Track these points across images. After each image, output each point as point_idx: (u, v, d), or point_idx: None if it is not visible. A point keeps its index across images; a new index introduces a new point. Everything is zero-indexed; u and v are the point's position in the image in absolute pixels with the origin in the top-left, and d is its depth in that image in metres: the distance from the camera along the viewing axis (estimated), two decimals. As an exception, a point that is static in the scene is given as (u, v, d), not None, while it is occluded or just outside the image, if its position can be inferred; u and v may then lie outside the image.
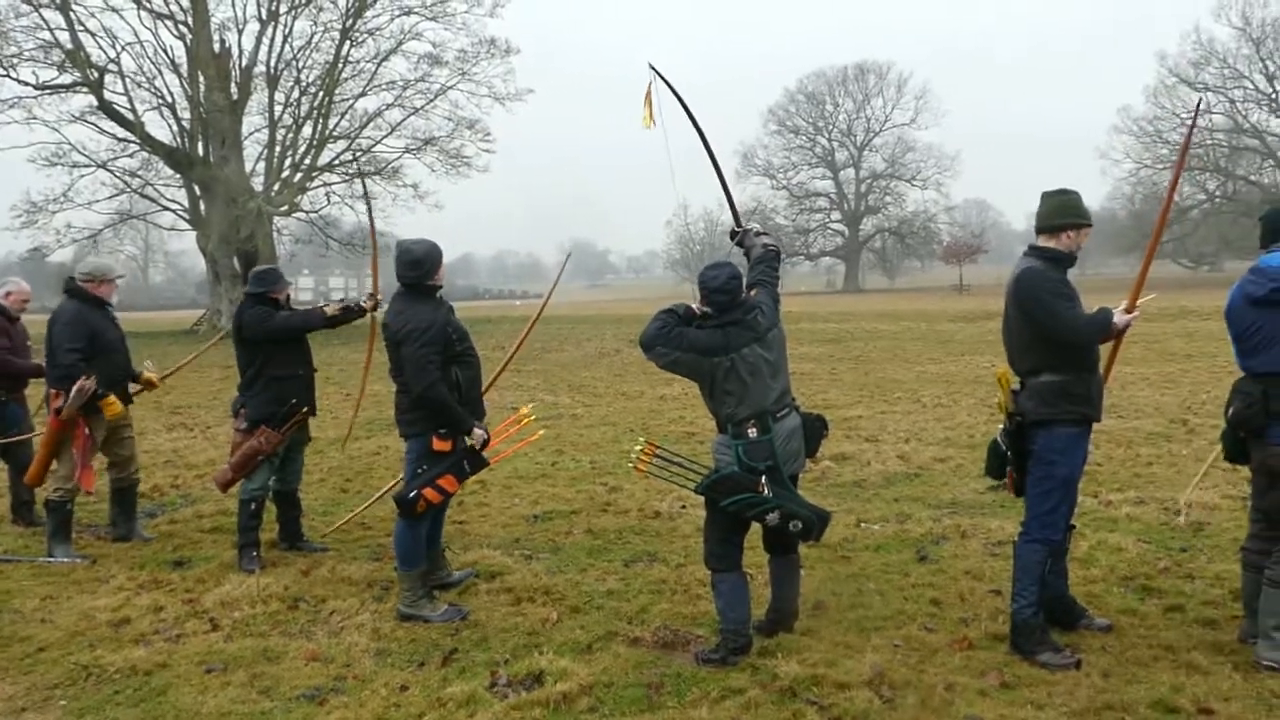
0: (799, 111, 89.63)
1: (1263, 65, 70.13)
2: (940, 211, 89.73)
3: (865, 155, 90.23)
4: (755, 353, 4.70)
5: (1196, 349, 20.89)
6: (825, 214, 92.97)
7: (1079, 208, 4.82)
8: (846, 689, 4.33)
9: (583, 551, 6.78)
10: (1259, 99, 71.20)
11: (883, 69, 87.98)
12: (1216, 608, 5.29)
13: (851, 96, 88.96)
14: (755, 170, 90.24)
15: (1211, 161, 71.82)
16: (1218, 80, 71.29)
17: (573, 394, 16.66)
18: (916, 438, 11.05)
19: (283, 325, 6.61)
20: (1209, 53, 70.67)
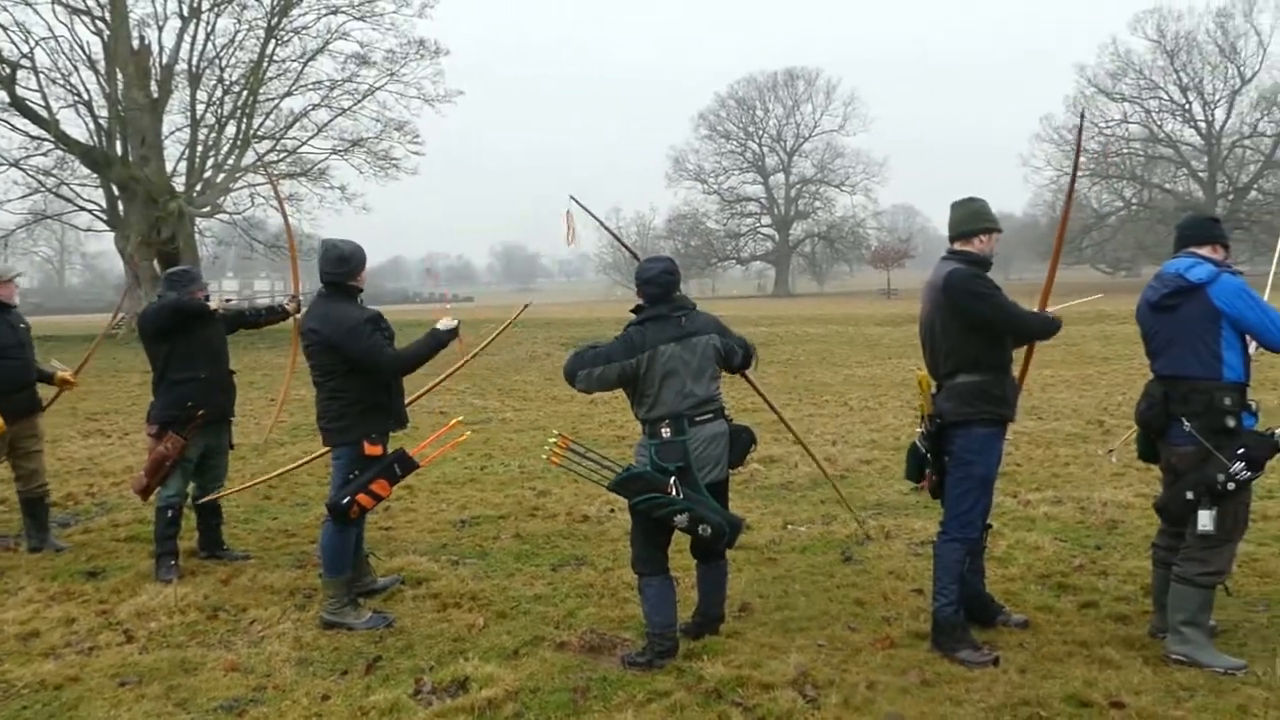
0: (729, 117, 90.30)
1: (1176, 77, 72.44)
2: (868, 217, 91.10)
3: (795, 160, 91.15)
4: (673, 352, 4.72)
5: (1113, 352, 21.46)
6: (756, 218, 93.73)
7: (988, 213, 4.96)
8: (771, 689, 4.37)
9: (510, 556, 6.74)
10: (1173, 109, 73.52)
11: (812, 75, 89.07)
12: (1129, 603, 5.44)
13: (781, 102, 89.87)
14: (686, 175, 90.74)
15: (1128, 170, 73.94)
16: (1134, 91, 73.49)
17: (502, 398, 16.57)
18: (843, 440, 11.19)
19: (172, 305, 6.42)
20: (1126, 64, 72.84)
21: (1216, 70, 72.05)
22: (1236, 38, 71.00)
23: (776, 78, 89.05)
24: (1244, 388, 4.56)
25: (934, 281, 4.95)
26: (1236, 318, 4.47)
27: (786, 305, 57.52)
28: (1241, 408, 4.52)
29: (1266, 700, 4.15)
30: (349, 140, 38.59)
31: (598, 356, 4.79)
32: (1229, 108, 72.59)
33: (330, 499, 5.46)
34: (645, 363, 4.71)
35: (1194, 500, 4.53)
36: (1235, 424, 4.48)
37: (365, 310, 5.55)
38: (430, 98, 38.53)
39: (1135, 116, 73.92)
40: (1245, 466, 4.41)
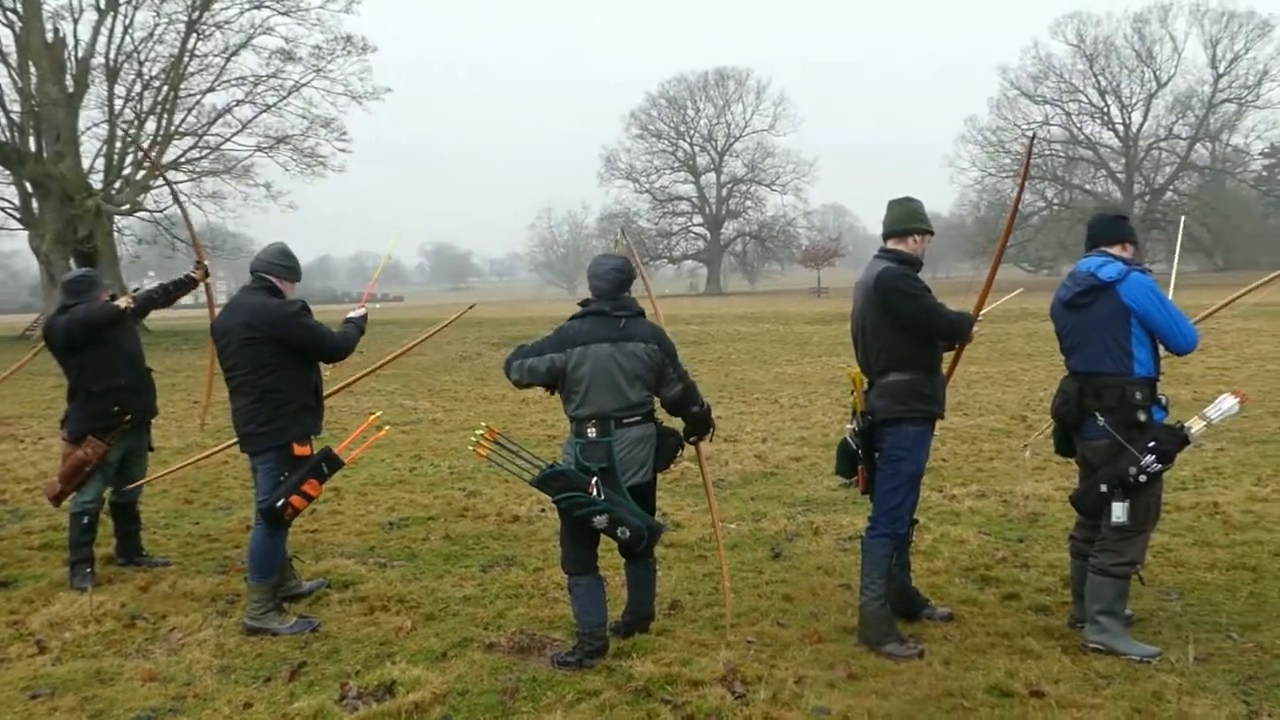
0: (661, 116, 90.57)
1: (1095, 80, 74.46)
2: (799, 216, 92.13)
3: (726, 160, 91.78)
4: (607, 352, 4.71)
5: (1036, 349, 21.92)
6: (687, 217, 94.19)
7: (923, 215, 5.05)
8: (700, 686, 4.38)
9: (439, 558, 6.67)
10: (1092, 112, 75.58)
11: (742, 75, 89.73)
12: (1049, 595, 5.56)
13: (712, 102, 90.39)
14: (618, 174, 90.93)
15: (1050, 171, 75.75)
16: (1055, 94, 75.37)
17: (432, 398, 16.41)
18: (774, 437, 11.28)
19: (82, 320, 6.18)
20: (1047, 68, 74.69)
21: (1133, 74, 74.23)
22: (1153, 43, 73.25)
23: (707, 77, 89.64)
24: (1154, 383, 4.68)
25: (866, 280, 5.00)
26: (1143, 315, 4.59)
27: (718, 304, 57.87)
28: (1152, 402, 4.64)
29: (1180, 686, 4.26)
30: (274, 137, 37.97)
31: (531, 349, 4.80)
32: (1145, 111, 74.86)
33: (263, 503, 5.35)
34: (576, 358, 4.69)
35: (1108, 493, 4.64)
36: (1146, 418, 4.60)
37: (294, 299, 5.57)
38: (358, 94, 38.10)
39: (1056, 119, 75.81)
40: (1156, 459, 4.53)
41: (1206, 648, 4.69)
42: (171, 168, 36.19)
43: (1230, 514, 7.08)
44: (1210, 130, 73.74)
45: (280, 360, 5.36)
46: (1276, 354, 18.48)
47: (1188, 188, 75.29)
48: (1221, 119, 73.62)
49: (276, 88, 37.68)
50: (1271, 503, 7.37)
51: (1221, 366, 16.94)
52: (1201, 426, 4.70)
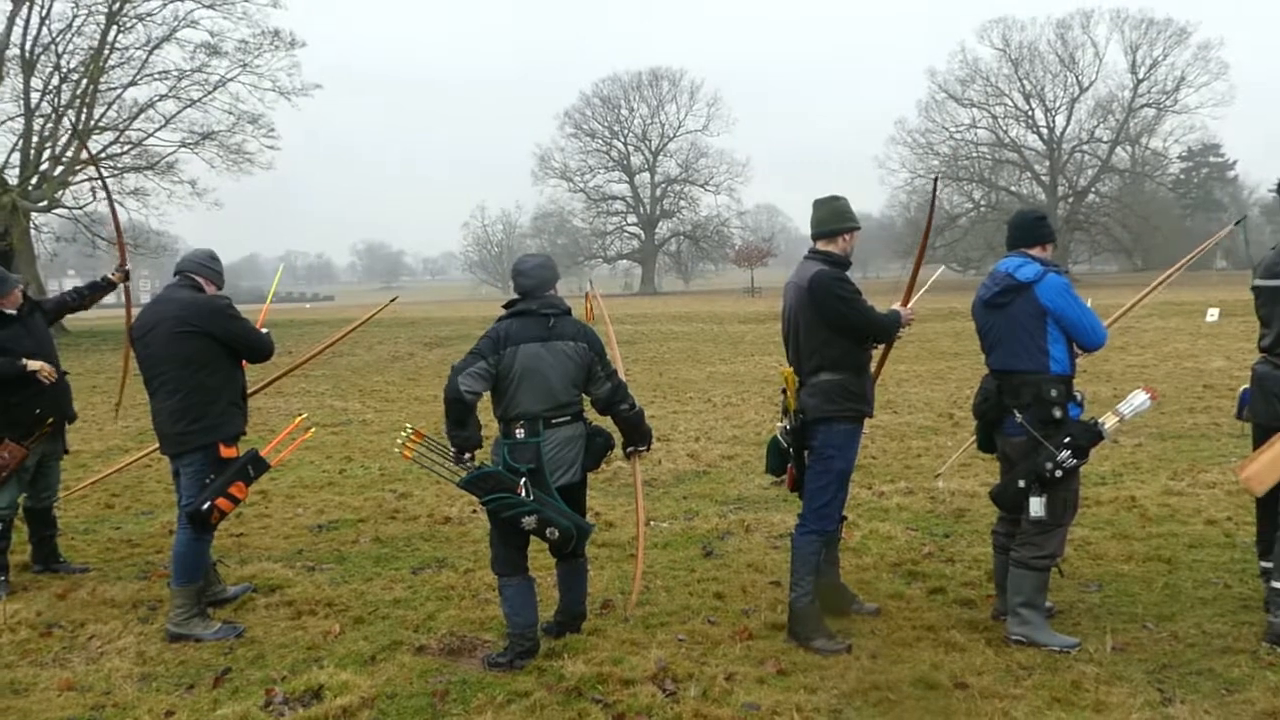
0: (595, 115, 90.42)
1: (1020, 84, 75.99)
2: (732, 216, 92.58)
3: (660, 160, 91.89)
4: (535, 351, 4.70)
5: (963, 347, 22.31)
6: (622, 217, 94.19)
7: (850, 213, 5.11)
8: (631, 685, 4.40)
9: (369, 560, 6.60)
10: (1018, 115, 77.10)
11: (676, 76, 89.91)
12: (974, 588, 5.67)
13: (646, 102, 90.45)
14: (552, 173, 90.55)
15: (977, 173, 77.17)
16: (982, 97, 76.78)
17: (363, 399, 16.21)
18: (706, 436, 11.34)
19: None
20: (974, 71, 76.04)
21: (1057, 79, 75.91)
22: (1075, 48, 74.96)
23: (641, 77, 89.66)
24: (1070, 380, 4.80)
25: (798, 282, 5.05)
26: (1058, 314, 4.70)
27: (653, 303, 57.99)
28: (1068, 399, 4.75)
29: (1097, 675, 4.38)
30: (199, 133, 37.21)
31: (470, 357, 4.72)
32: (1069, 114, 76.56)
33: (188, 506, 5.24)
34: (507, 359, 4.67)
35: (1026, 488, 4.75)
36: (1062, 414, 4.71)
37: (223, 295, 5.56)
38: (286, 90, 37.49)
39: (983, 122, 77.26)
40: (1072, 454, 4.65)
41: (1123, 638, 4.82)
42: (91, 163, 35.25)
43: (1147, 508, 7.29)
44: (1130, 134, 75.65)
45: (209, 356, 5.28)
46: (1192, 352, 19.06)
47: (1109, 190, 77.12)
48: (1141, 123, 75.59)
49: (201, 82, 36.94)
50: (1186, 496, 7.60)
51: (1141, 364, 17.43)
52: (1115, 422, 4.83)
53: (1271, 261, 4.92)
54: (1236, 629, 4.89)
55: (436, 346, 25.60)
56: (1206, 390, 13.60)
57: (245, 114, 37.52)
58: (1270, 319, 4.86)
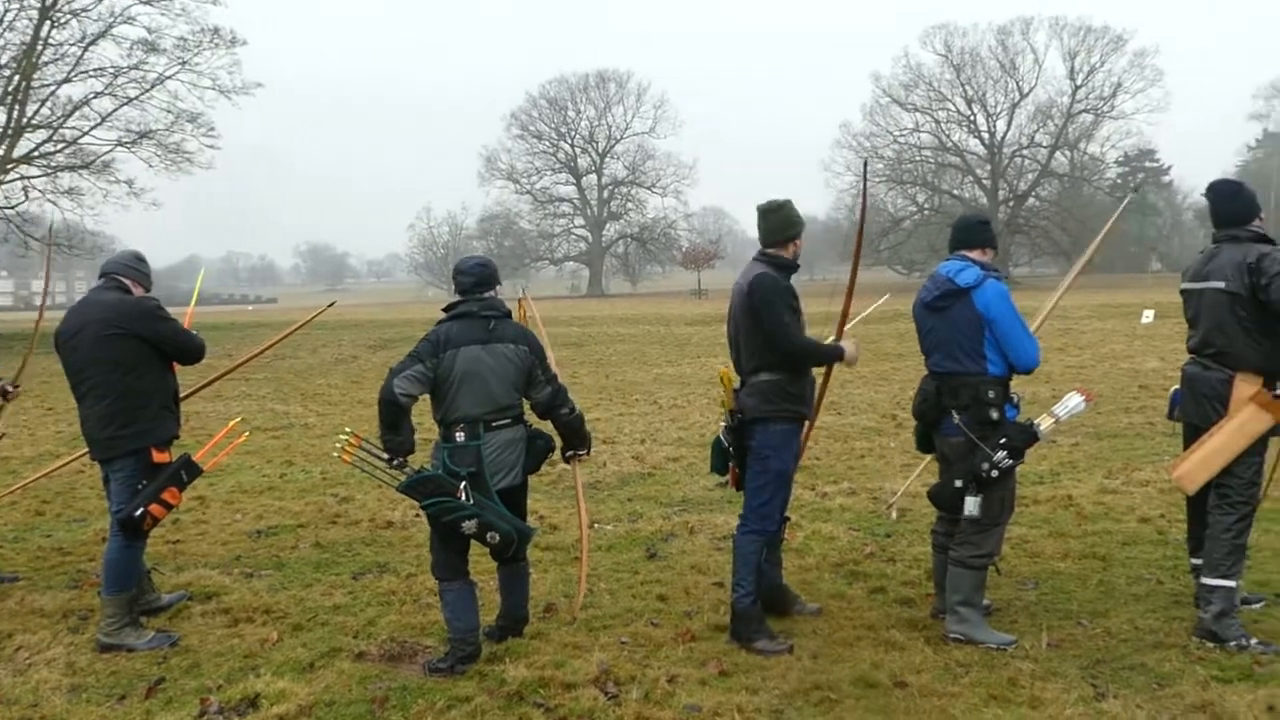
0: (541, 117, 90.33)
1: (963, 90, 77.21)
2: (680, 218, 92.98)
3: (607, 162, 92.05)
4: (476, 354, 4.67)
5: (907, 348, 22.55)
6: (569, 219, 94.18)
7: (797, 220, 5.10)
8: (573, 689, 4.38)
9: (309, 566, 6.51)
10: (960, 120, 78.32)
11: (623, 78, 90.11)
12: (913, 587, 5.73)
13: (593, 103, 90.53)
14: (499, 174, 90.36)
15: (920, 176, 78.23)
16: (925, 102, 77.89)
17: (305, 402, 16.00)
18: (652, 438, 11.34)
19: None
20: (917, 76, 77.15)
21: (998, 84, 77.26)
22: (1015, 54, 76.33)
23: (588, 79, 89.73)
24: (1007, 382, 4.86)
25: (741, 283, 5.06)
26: (993, 321, 4.75)
27: (600, 305, 57.96)
28: (1005, 401, 4.82)
29: (1033, 672, 4.45)
30: (136, 131, 36.42)
31: (407, 360, 4.68)
32: (1009, 120, 77.95)
33: (119, 513, 5.12)
34: (447, 361, 4.64)
35: (962, 488, 4.82)
36: (999, 416, 4.78)
37: (151, 296, 5.46)
38: (226, 89, 36.89)
39: (926, 126, 78.36)
40: (1007, 455, 4.72)
41: (1059, 634, 4.90)
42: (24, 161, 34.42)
43: (1083, 506, 7.42)
44: (1069, 139, 77.18)
45: (140, 359, 5.18)
46: (1128, 352, 19.47)
47: (1048, 194, 78.61)
48: (1079, 128, 77.16)
49: (139, 80, 36.22)
50: (1120, 494, 7.75)
51: (1079, 365, 17.76)
52: (1050, 424, 4.90)
53: (1198, 265, 5.04)
54: (1168, 624, 4.99)
55: (381, 349, 25.35)
56: (1142, 390, 13.90)
57: (184, 112, 36.86)
58: (1197, 321, 4.98)
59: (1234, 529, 4.81)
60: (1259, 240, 4.83)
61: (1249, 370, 4.77)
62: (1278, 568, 5.84)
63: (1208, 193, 5.13)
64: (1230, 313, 4.77)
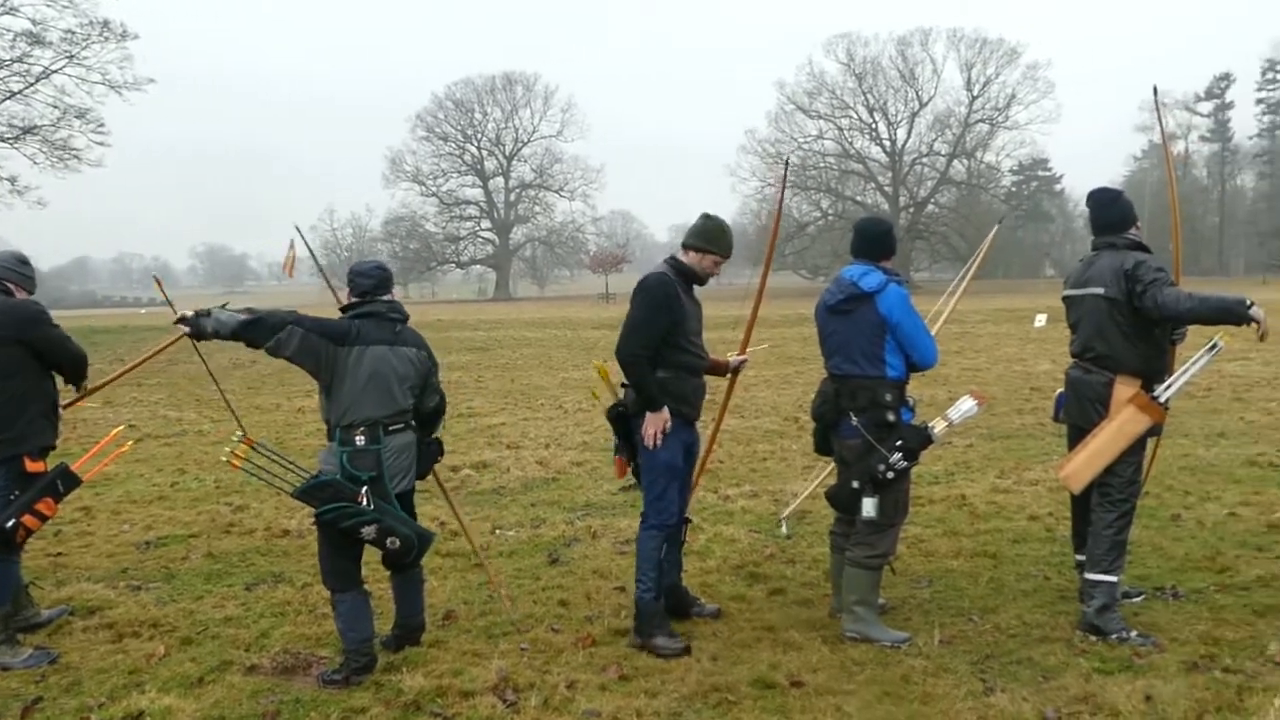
0: (448, 118, 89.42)
1: (864, 98, 78.86)
2: (587, 222, 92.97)
3: (514, 165, 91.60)
4: (384, 355, 4.62)
5: (811, 352, 22.91)
6: (475, 222, 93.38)
7: (720, 238, 5.12)
8: (471, 697, 4.34)
9: (200, 577, 6.32)
10: (862, 128, 79.98)
11: (530, 80, 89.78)
12: (812, 588, 5.81)
13: (500, 106, 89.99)
14: (404, 176, 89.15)
15: (824, 183, 79.61)
16: (828, 109, 79.35)
17: (200, 408, 15.54)
18: (556, 443, 11.31)
19: None
20: (820, 84, 78.52)
21: (899, 93, 79.10)
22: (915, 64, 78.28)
23: (495, 81, 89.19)
24: (903, 386, 4.97)
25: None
26: (895, 325, 4.86)
27: (507, 309, 57.66)
28: (901, 404, 4.93)
29: (925, 668, 4.55)
30: (20, 127, 35.02)
31: (314, 322, 4.54)
32: (909, 128, 79.84)
33: None
34: (354, 357, 4.54)
35: (859, 489, 4.90)
36: (895, 418, 4.88)
37: (34, 299, 5.29)
38: (117, 84, 35.72)
39: (830, 133, 79.82)
40: (902, 457, 4.82)
41: (950, 631, 5.02)
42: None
43: (976, 505, 7.62)
44: (966, 148, 79.37)
45: (16, 365, 5.01)
46: (1021, 356, 20.07)
47: (947, 200, 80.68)
48: (976, 138, 79.42)
49: (22, 73, 34.84)
50: (1012, 494, 7.98)
51: (975, 368, 18.25)
52: (944, 426, 5.02)
53: (1079, 272, 5.22)
54: (1054, 619, 5.15)
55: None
56: (1034, 392, 14.33)
57: (72, 108, 35.58)
58: (1078, 326, 5.16)
59: (1115, 526, 4.99)
60: (1135, 248, 5.02)
61: (1128, 373, 4.95)
62: (1157, 563, 6.07)
63: (1088, 201, 5.31)
64: (1109, 318, 4.95)
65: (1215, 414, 11.76)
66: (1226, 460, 9.00)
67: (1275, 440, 9.92)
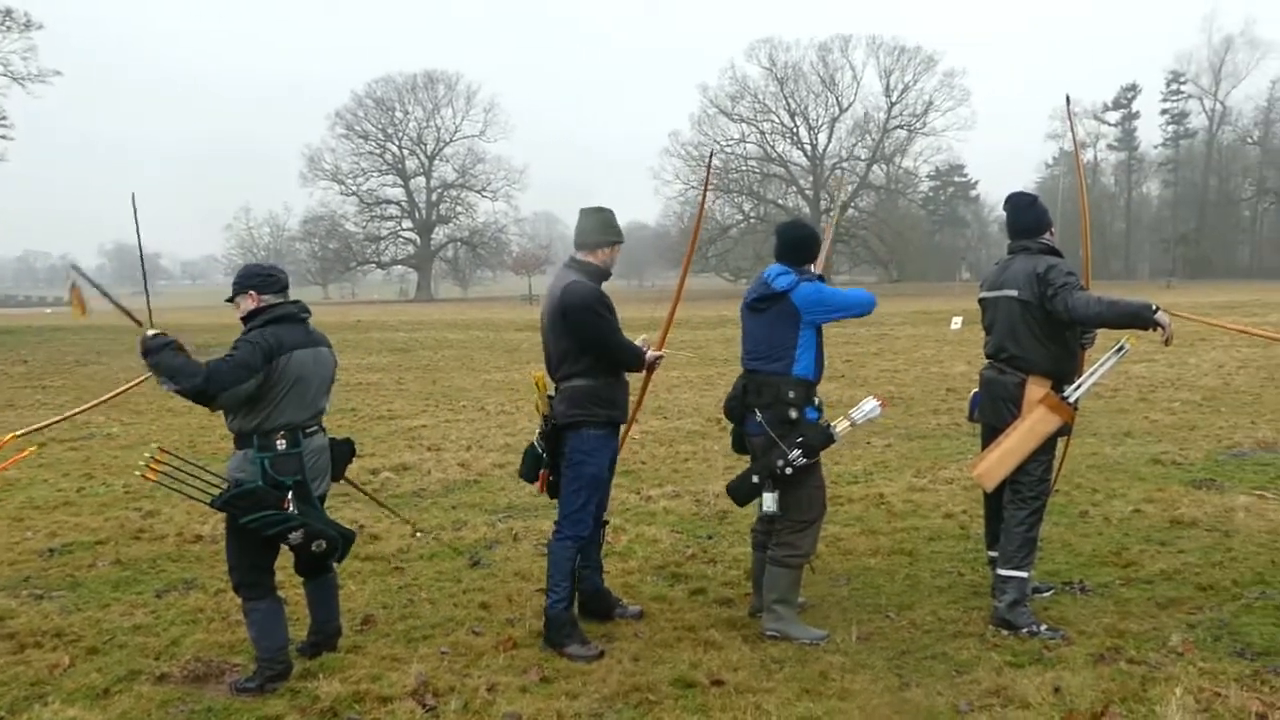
0: (368, 116, 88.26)
1: (786, 102, 79.88)
2: (510, 223, 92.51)
3: (436, 164, 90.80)
4: (305, 359, 4.55)
5: (733, 354, 23.02)
6: (397, 222, 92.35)
7: (615, 227, 5.16)
8: (389, 702, 4.28)
9: (107, 585, 6.13)
10: (784, 132, 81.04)
11: (452, 79, 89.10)
12: (733, 587, 5.85)
13: (421, 105, 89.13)
14: (323, 175, 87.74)
15: (746, 186, 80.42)
16: (750, 113, 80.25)
17: (109, 411, 15.02)
18: (478, 445, 11.22)
19: None
20: (743, 88, 79.33)
21: (819, 99, 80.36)
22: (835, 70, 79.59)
23: (416, 80, 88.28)
24: (810, 384, 5.02)
25: (553, 289, 5.07)
26: (815, 307, 4.92)
27: (428, 310, 57.10)
28: (806, 402, 4.98)
29: (843, 665, 4.61)
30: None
31: (238, 369, 4.34)
32: (830, 133, 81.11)
33: None
34: (278, 367, 4.45)
35: (759, 484, 4.97)
36: (798, 416, 4.94)
37: None
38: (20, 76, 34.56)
39: (752, 137, 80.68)
40: (802, 454, 4.89)
41: (868, 627, 5.10)
42: None
43: (893, 504, 7.75)
44: (885, 153, 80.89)
45: None
46: (939, 357, 20.47)
47: (867, 205, 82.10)
48: (894, 143, 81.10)
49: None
50: (928, 492, 8.13)
51: (893, 369, 18.56)
52: (846, 426, 5.12)
53: (994, 275, 5.35)
54: (967, 614, 5.26)
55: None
56: (950, 393, 14.62)
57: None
58: (992, 327, 5.28)
59: (1026, 523, 5.11)
60: (1048, 252, 5.17)
61: (1039, 374, 5.09)
62: (1066, 558, 6.24)
63: (1005, 204, 5.45)
64: (1022, 320, 5.08)
65: (1122, 414, 12.13)
66: (1132, 458, 9.29)
67: (1178, 439, 10.27)
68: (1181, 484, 8.12)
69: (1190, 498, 7.59)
